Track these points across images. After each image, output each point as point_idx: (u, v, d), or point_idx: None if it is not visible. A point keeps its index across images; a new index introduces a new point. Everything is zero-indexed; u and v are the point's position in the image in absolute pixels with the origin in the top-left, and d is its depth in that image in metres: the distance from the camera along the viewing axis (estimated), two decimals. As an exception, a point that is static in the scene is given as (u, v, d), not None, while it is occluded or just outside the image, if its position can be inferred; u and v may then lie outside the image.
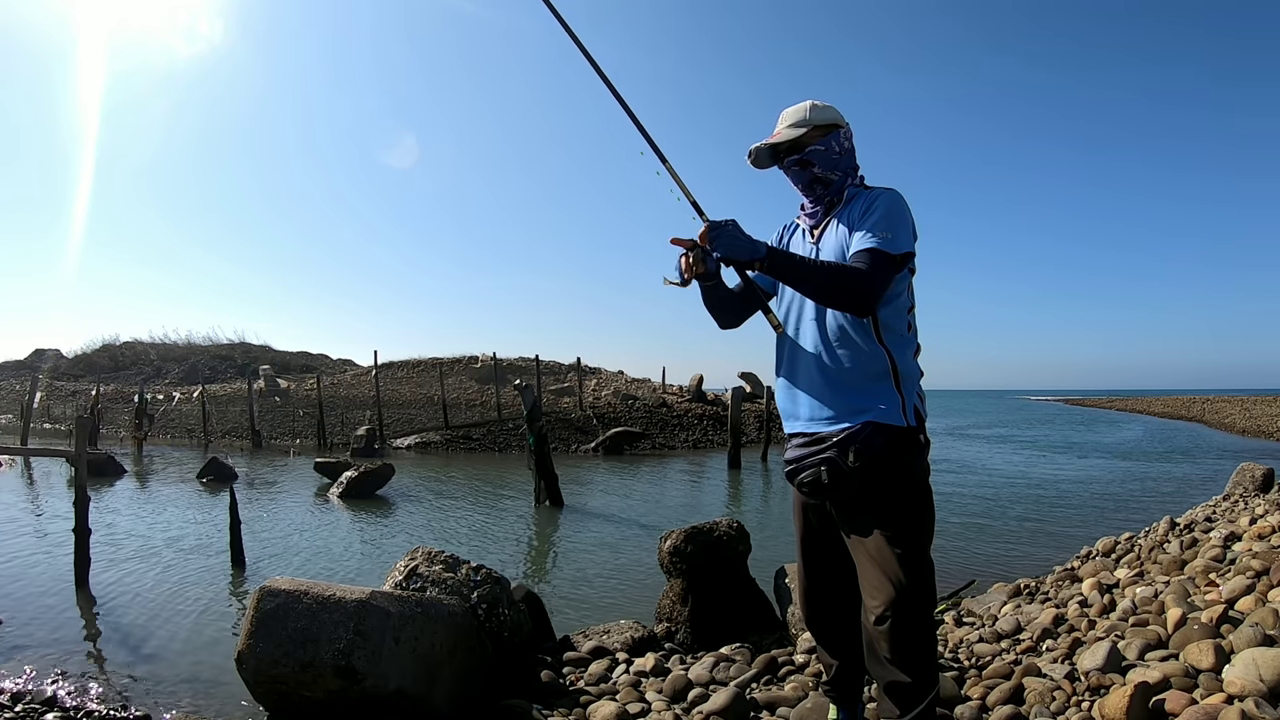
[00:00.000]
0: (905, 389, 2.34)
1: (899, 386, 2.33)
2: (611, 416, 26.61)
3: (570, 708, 3.63)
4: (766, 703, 3.45)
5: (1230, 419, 38.61)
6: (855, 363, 2.34)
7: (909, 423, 2.32)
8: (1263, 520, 5.55)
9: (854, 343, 2.35)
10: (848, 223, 2.39)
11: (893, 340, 2.36)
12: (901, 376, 2.34)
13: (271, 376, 34.03)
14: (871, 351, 2.34)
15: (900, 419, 2.31)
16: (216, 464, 16.06)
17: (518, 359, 33.50)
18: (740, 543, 5.23)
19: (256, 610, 3.40)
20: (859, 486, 2.31)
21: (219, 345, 45.64)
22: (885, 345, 2.34)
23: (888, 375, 2.33)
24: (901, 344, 2.38)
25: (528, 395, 13.04)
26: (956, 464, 19.81)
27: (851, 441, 2.29)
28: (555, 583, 7.85)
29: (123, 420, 28.81)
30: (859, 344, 2.34)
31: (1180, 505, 10.69)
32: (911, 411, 2.34)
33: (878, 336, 2.34)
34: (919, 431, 2.37)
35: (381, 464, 14.66)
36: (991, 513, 12.09)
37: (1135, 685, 2.74)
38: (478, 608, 4.20)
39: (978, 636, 4.37)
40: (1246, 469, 9.96)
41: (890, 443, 2.29)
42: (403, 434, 25.68)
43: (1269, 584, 3.83)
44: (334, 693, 3.30)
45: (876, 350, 2.34)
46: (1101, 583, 4.97)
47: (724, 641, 4.65)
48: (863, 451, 2.28)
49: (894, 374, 2.34)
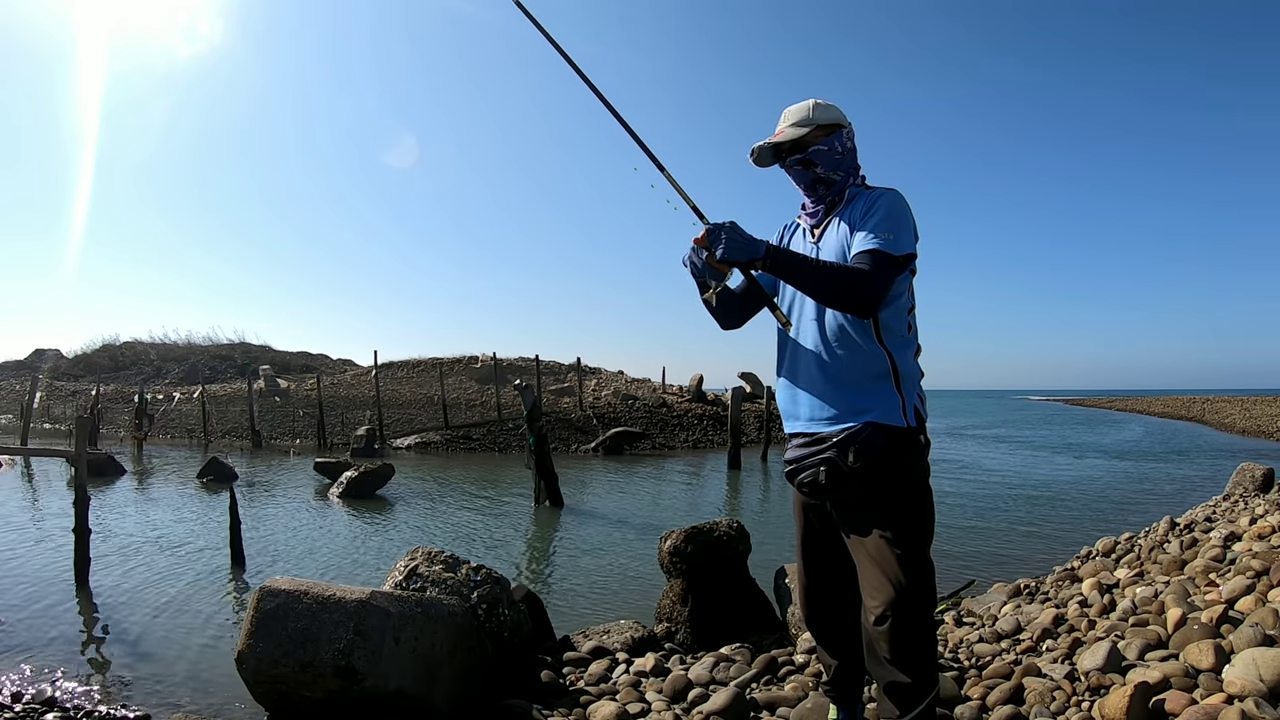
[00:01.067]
0: (905, 389, 2.34)
1: (899, 387, 2.33)
2: (611, 416, 26.61)
3: (570, 708, 3.62)
4: (766, 703, 3.45)
5: (1230, 419, 38.62)
6: (855, 363, 2.34)
7: (909, 423, 2.32)
8: (1263, 520, 5.55)
9: (854, 343, 2.34)
10: (849, 223, 2.38)
11: (893, 341, 2.36)
12: (902, 377, 2.34)
13: (271, 376, 34.02)
14: (871, 352, 2.33)
15: (900, 419, 2.30)
16: (216, 464, 16.05)
17: (518, 359, 33.51)
18: (740, 543, 5.23)
19: (256, 610, 3.40)
20: (859, 487, 2.30)
21: (219, 345, 45.61)
22: (885, 346, 2.34)
23: (888, 376, 2.33)
24: (902, 344, 2.38)
25: (528, 395, 13.04)
26: (956, 464, 19.82)
27: (851, 442, 2.29)
28: (555, 583, 7.85)
29: (123, 420, 28.82)
30: (859, 344, 2.34)
31: (1180, 505, 10.70)
32: (912, 412, 2.34)
33: (878, 337, 2.34)
34: (919, 432, 2.37)
35: (381, 464, 14.68)
36: (991, 513, 12.10)
37: (1135, 685, 2.74)
38: (478, 608, 4.20)
39: (978, 636, 4.37)
40: (1246, 469, 9.95)
41: (890, 443, 2.29)
42: (403, 434, 25.67)
43: (1269, 584, 3.83)
44: (334, 693, 3.30)
45: (877, 351, 2.33)
46: (1101, 583, 4.97)
47: (724, 641, 4.65)
48: (863, 452, 2.27)
49: (894, 374, 2.33)
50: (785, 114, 2.53)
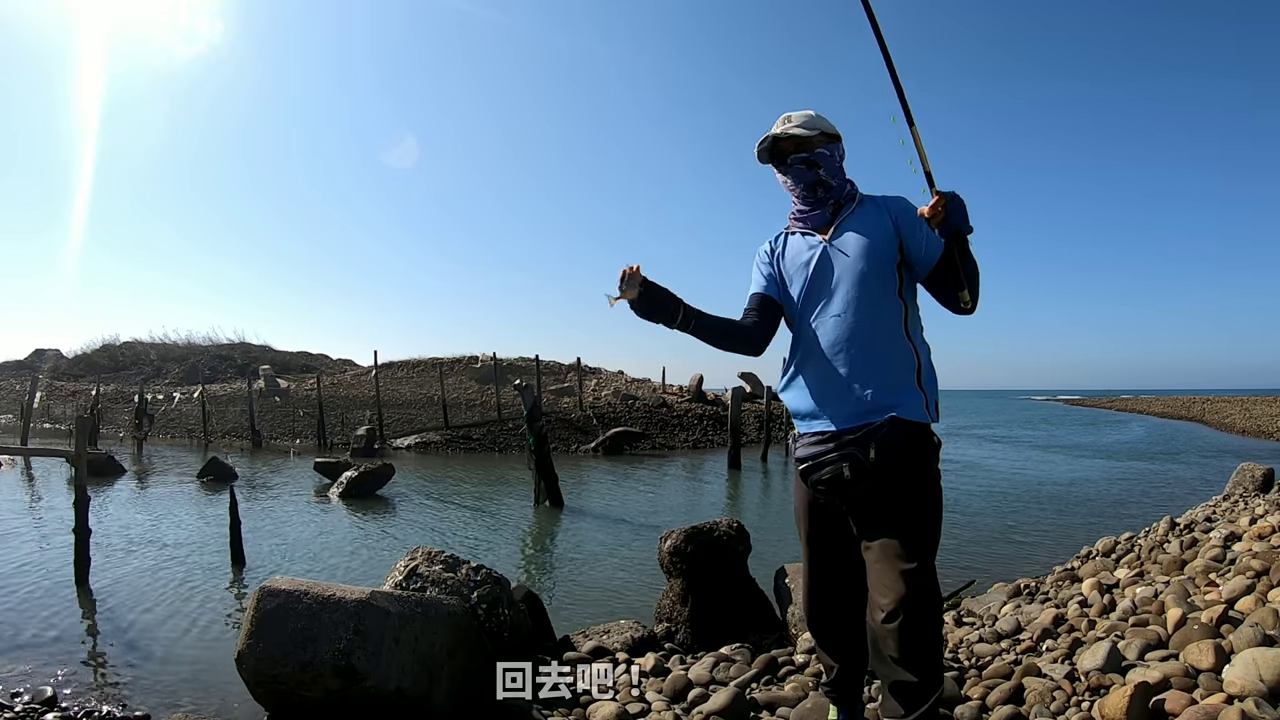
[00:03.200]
0: (927, 387, 2.38)
1: (921, 384, 2.36)
2: (611, 416, 26.61)
3: (570, 708, 3.62)
4: (766, 703, 3.45)
5: (1230, 419, 38.64)
6: (885, 359, 2.37)
7: (931, 419, 2.37)
8: (1263, 520, 5.55)
9: (884, 339, 2.37)
10: (882, 222, 2.45)
11: (918, 338, 2.42)
12: (924, 374, 2.38)
13: (271, 376, 33.99)
14: (900, 348, 2.37)
15: (924, 415, 2.34)
16: (216, 464, 16.06)
17: (518, 359, 33.54)
18: (740, 543, 5.23)
19: (256, 610, 3.39)
20: (877, 483, 2.32)
21: (219, 345, 45.56)
22: (913, 342, 2.39)
23: (913, 371, 2.36)
24: (923, 342, 2.44)
25: (528, 395, 13.03)
26: (957, 464, 19.80)
27: (873, 436, 2.30)
28: (555, 582, 7.85)
29: (123, 420, 28.83)
30: (889, 341, 2.37)
31: (1180, 505, 10.69)
32: (934, 408, 2.39)
33: (907, 333, 2.38)
34: (933, 431, 2.41)
35: (381, 464, 14.67)
36: (992, 512, 12.10)
37: (1135, 685, 2.74)
38: (478, 608, 4.20)
39: (978, 636, 4.37)
40: (1246, 469, 9.95)
41: (911, 439, 2.31)
42: (403, 434, 25.66)
43: (1269, 584, 3.83)
44: (334, 692, 3.29)
45: (905, 347, 2.37)
46: (1101, 583, 4.97)
47: (724, 641, 4.64)
48: (883, 447, 2.29)
49: (918, 371, 2.37)
50: (787, 116, 2.54)
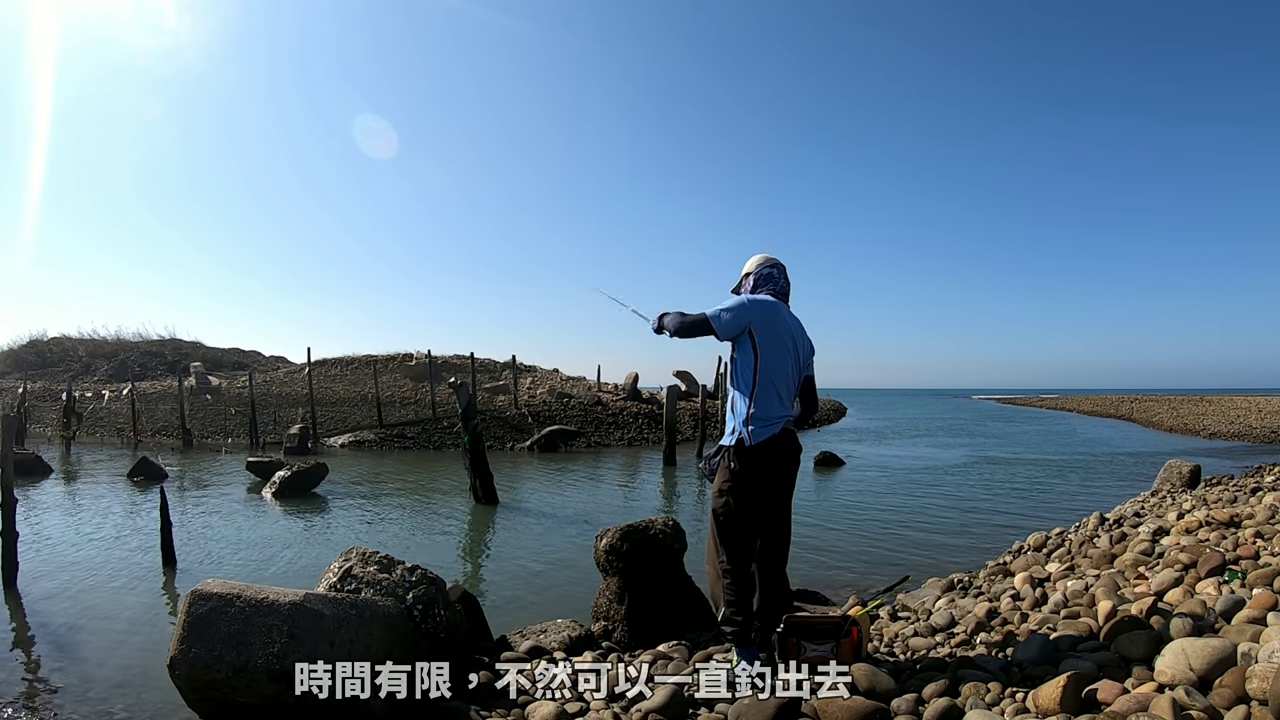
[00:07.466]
0: None
1: None
2: (547, 414, 26.51)
3: (508, 708, 3.56)
4: (705, 700, 3.42)
5: (1158, 417, 40.03)
6: None
7: None
8: (1189, 515, 5.70)
9: None
10: None
11: None
12: None
13: (203, 374, 33.24)
14: None
15: None
16: (146, 463, 15.70)
17: (453, 357, 33.15)
18: (676, 541, 5.20)
19: (188, 614, 3.27)
20: None
21: (149, 342, 44.14)
22: None
23: None
24: None
25: (462, 393, 12.89)
26: (885, 461, 20.09)
27: None
28: (491, 582, 7.74)
29: (50, 419, 27.92)
30: None
31: (1109, 501, 10.99)
32: None
33: None
34: None
35: (315, 463, 14.44)
36: (922, 509, 12.28)
37: (1068, 676, 2.77)
38: (413, 609, 4.12)
39: (913, 631, 4.40)
40: (1173, 466, 10.25)
41: None
42: (337, 432, 25.22)
43: (1196, 576, 3.92)
44: (269, 698, 3.19)
45: None
46: (1033, 577, 5.05)
47: (661, 639, 4.62)
48: None
49: None
50: None
